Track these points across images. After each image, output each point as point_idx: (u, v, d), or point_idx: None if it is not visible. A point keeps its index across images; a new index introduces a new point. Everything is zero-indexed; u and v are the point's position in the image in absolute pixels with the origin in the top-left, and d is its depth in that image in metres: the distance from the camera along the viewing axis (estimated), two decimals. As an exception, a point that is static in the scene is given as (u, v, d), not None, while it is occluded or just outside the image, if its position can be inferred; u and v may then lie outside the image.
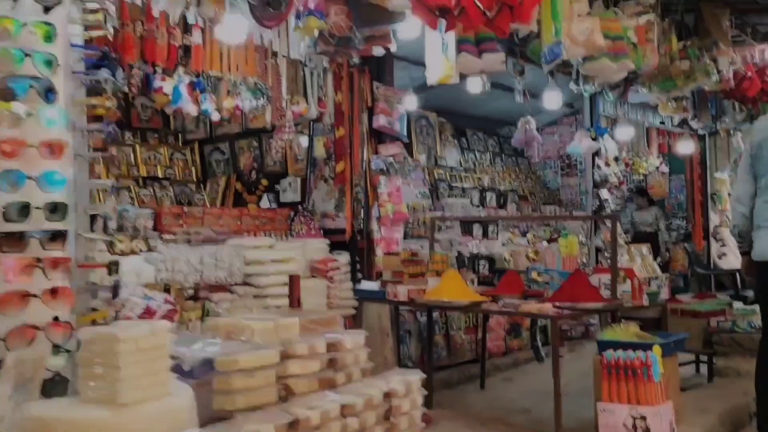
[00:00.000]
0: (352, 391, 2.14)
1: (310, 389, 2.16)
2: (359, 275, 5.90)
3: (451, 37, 4.57)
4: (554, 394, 4.24)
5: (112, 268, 2.37)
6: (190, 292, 4.94)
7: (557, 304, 4.45)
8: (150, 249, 5.12)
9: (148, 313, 4.51)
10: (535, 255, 5.41)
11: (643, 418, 3.83)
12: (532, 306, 4.37)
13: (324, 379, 2.21)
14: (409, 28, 4.22)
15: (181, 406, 1.85)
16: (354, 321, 5.80)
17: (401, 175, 9.41)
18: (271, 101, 5.24)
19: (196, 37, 4.77)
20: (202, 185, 7.30)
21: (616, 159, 9.00)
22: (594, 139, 8.35)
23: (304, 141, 6.40)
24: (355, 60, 4.55)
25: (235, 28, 4.17)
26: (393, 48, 4.18)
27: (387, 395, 2.21)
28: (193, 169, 7.39)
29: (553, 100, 7.03)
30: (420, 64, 5.39)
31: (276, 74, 5.27)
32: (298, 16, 3.74)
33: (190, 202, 6.78)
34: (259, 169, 6.92)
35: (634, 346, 4.05)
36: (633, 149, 9.61)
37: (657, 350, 3.93)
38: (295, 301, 4.13)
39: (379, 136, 5.98)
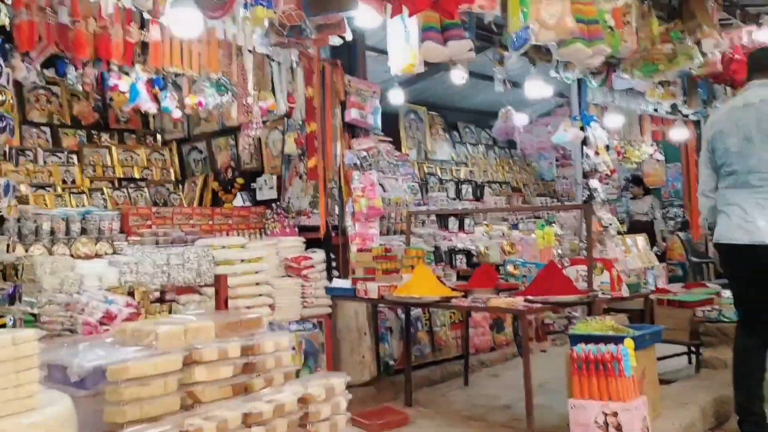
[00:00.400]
0: (264, 397, 2.01)
1: (222, 396, 2.03)
2: (335, 273, 5.77)
3: (413, 24, 4.43)
4: (525, 393, 4.11)
5: (9, 272, 2.22)
6: (157, 294, 4.83)
7: (529, 297, 4.31)
8: (115, 251, 5.03)
9: (108, 318, 4.40)
10: (511, 248, 5.26)
11: (615, 414, 3.68)
12: (501, 300, 4.24)
13: (238, 386, 2.08)
14: (367, 16, 4.07)
15: (49, 422, 1.71)
16: (330, 320, 5.68)
17: (389, 170, 9.32)
18: (237, 97, 5.11)
19: (154, 33, 4.65)
20: (180, 185, 7.19)
21: (607, 148, 8.80)
22: (582, 128, 8.17)
23: (278, 137, 6.28)
24: (312, 50, 4.39)
25: (187, 20, 4.02)
26: (348, 37, 4.04)
27: (303, 400, 2.08)
28: (171, 169, 7.28)
29: (535, 89, 6.86)
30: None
31: (241, 69, 5.14)
32: (246, 6, 3.60)
33: (165, 202, 6.67)
34: (236, 167, 6.81)
35: (606, 340, 3.91)
36: (625, 137, 9.41)
37: (629, 343, 3.78)
38: (221, 303, 4.00)
39: (353, 131, 5.84)
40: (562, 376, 5.43)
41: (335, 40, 4.10)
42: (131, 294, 4.69)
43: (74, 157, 6.71)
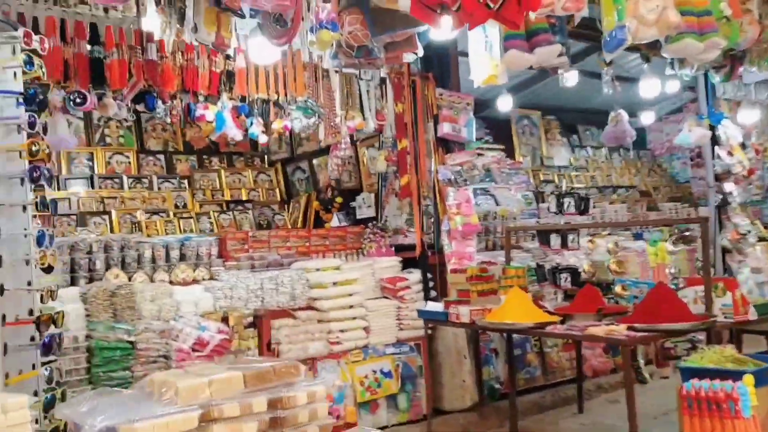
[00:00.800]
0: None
1: (247, 456, 1.92)
2: (433, 293, 5.57)
3: (494, 33, 4.16)
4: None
5: (43, 323, 2.23)
6: (250, 319, 4.86)
7: (634, 324, 3.89)
8: (212, 277, 5.13)
9: (200, 344, 4.50)
10: (618, 266, 4.80)
11: (731, 462, 3.21)
12: (600, 329, 3.85)
13: (264, 443, 1.96)
14: (440, 30, 3.86)
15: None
16: (429, 342, 5.48)
17: (501, 179, 9.00)
18: (324, 118, 5.07)
19: (239, 62, 4.71)
20: (286, 205, 7.29)
21: (743, 146, 7.97)
22: (712, 127, 7.44)
23: (375, 155, 6.18)
24: (385, 68, 4.19)
25: (263, 49, 4.01)
26: (420, 53, 3.86)
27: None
28: (277, 189, 7.40)
29: (650, 88, 6.31)
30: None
31: (328, 90, 5.10)
32: (312, 30, 3.52)
33: (269, 224, 6.77)
34: (337, 186, 6.79)
35: (722, 375, 3.43)
36: (765, 132, 8.47)
37: (748, 380, 3.29)
38: (264, 347, 3.87)
39: (447, 145, 5.63)
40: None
41: (408, 57, 3.93)
42: (225, 319, 4.76)
43: (186, 182, 6.99)
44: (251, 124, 4.85)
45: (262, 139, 5.00)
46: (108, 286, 4.46)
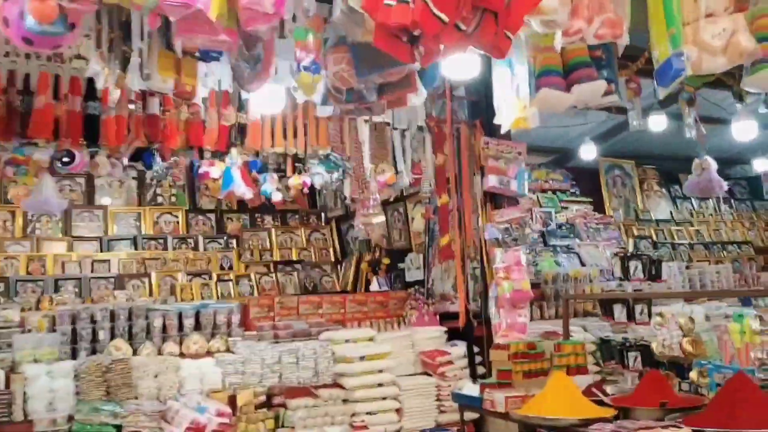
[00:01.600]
0: None
1: None
2: (482, 370, 4.85)
3: (522, 70, 3.54)
4: None
5: None
6: (263, 398, 4.35)
7: (704, 428, 3.02)
8: (229, 348, 4.69)
9: (195, 429, 4.01)
10: (693, 346, 3.88)
11: None
12: (654, 432, 3.00)
13: None
14: (451, 67, 3.30)
15: None
16: (476, 428, 4.74)
17: (587, 236, 8.16)
18: (350, 173, 4.57)
19: (253, 114, 4.33)
20: (339, 265, 6.80)
21: None
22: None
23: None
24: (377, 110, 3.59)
25: (258, 97, 3.61)
26: (423, 95, 3.28)
27: None
28: (331, 249, 6.95)
29: (744, 130, 5.37)
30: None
31: (355, 142, 4.62)
32: (293, 74, 3.08)
33: (315, 287, 6.30)
34: (389, 244, 6.22)
35: None
36: None
37: None
38: None
39: (495, 200, 4.96)
40: None
41: (414, 100, 3.37)
42: (234, 398, 4.28)
43: (234, 241, 6.69)
44: (264, 180, 4.45)
45: (276, 197, 4.58)
46: (103, 360, 4.10)
